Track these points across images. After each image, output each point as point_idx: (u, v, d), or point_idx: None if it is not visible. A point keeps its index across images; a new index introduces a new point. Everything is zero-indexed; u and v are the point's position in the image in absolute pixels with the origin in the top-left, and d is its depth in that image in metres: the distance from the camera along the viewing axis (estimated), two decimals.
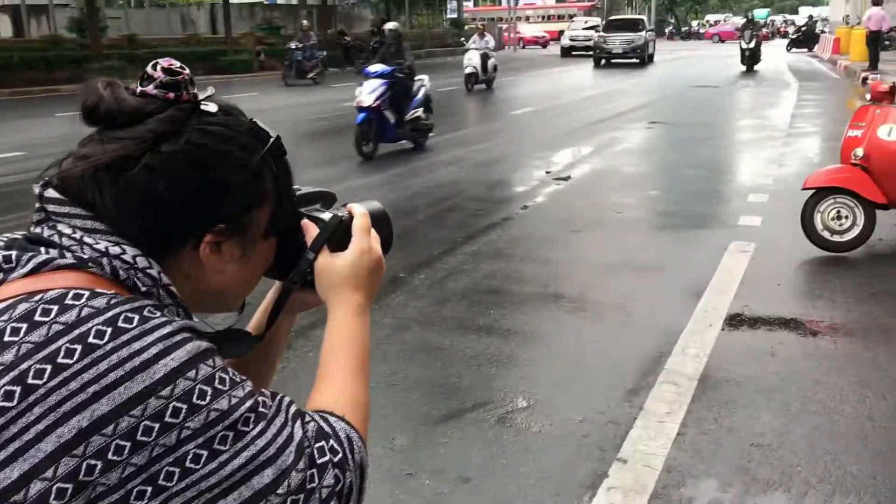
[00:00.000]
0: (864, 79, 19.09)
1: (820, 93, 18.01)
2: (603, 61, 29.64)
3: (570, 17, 55.09)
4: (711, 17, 71.82)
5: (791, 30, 61.47)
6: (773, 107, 15.17)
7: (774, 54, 34.09)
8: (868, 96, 5.78)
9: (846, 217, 5.46)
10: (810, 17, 40.76)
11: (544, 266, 5.52)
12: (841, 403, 3.38)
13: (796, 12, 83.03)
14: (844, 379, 3.63)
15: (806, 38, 36.62)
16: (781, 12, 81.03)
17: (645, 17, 34.39)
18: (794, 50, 36.06)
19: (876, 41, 21.58)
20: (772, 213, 6.71)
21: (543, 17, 57.85)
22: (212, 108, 0.83)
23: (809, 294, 4.83)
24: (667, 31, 74.77)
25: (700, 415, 3.32)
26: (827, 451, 3.02)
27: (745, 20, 29.72)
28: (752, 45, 24.32)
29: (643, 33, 30.18)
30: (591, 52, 31.12)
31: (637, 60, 29.51)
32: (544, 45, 56.24)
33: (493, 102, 17.30)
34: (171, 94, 0.81)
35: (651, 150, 10.84)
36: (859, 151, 5.49)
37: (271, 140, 0.89)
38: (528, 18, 57.98)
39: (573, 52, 36.06)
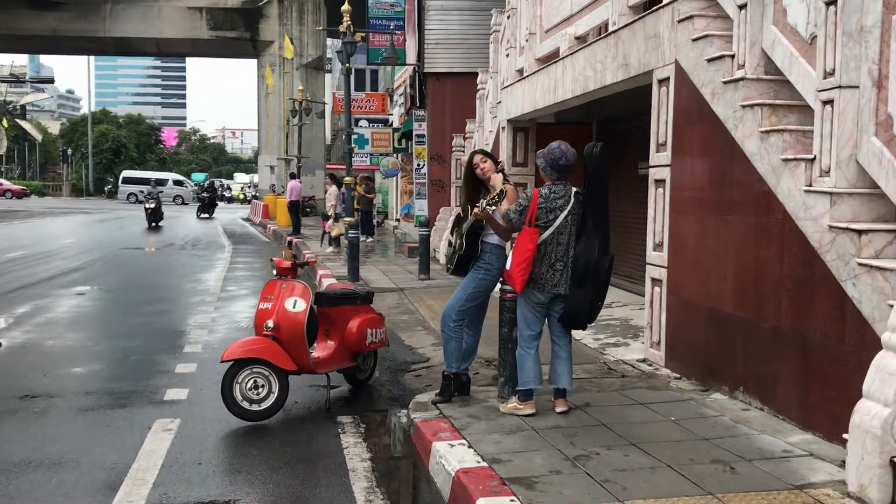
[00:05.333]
0: (290, 242, 21.31)
1: (252, 255, 19.38)
2: None
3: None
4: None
5: (227, 193, 66.10)
6: (208, 270, 15.75)
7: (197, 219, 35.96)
8: (274, 272, 6.28)
9: (262, 386, 5.74)
10: (212, 182, 43.85)
11: None
12: None
13: (232, 177, 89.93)
14: None
15: (209, 204, 38.08)
16: (219, 176, 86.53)
17: None
18: (203, 216, 36.53)
19: (296, 209, 24.39)
20: (199, 383, 6.75)
21: None
22: None
23: (230, 470, 4.85)
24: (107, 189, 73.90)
25: None
26: None
27: (150, 185, 35.90)
28: (153, 206, 28.42)
29: None
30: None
31: None
32: (19, 196, 55.51)
33: None
34: None
35: (79, 320, 10.17)
36: (270, 323, 5.90)
37: None
38: None
39: None
